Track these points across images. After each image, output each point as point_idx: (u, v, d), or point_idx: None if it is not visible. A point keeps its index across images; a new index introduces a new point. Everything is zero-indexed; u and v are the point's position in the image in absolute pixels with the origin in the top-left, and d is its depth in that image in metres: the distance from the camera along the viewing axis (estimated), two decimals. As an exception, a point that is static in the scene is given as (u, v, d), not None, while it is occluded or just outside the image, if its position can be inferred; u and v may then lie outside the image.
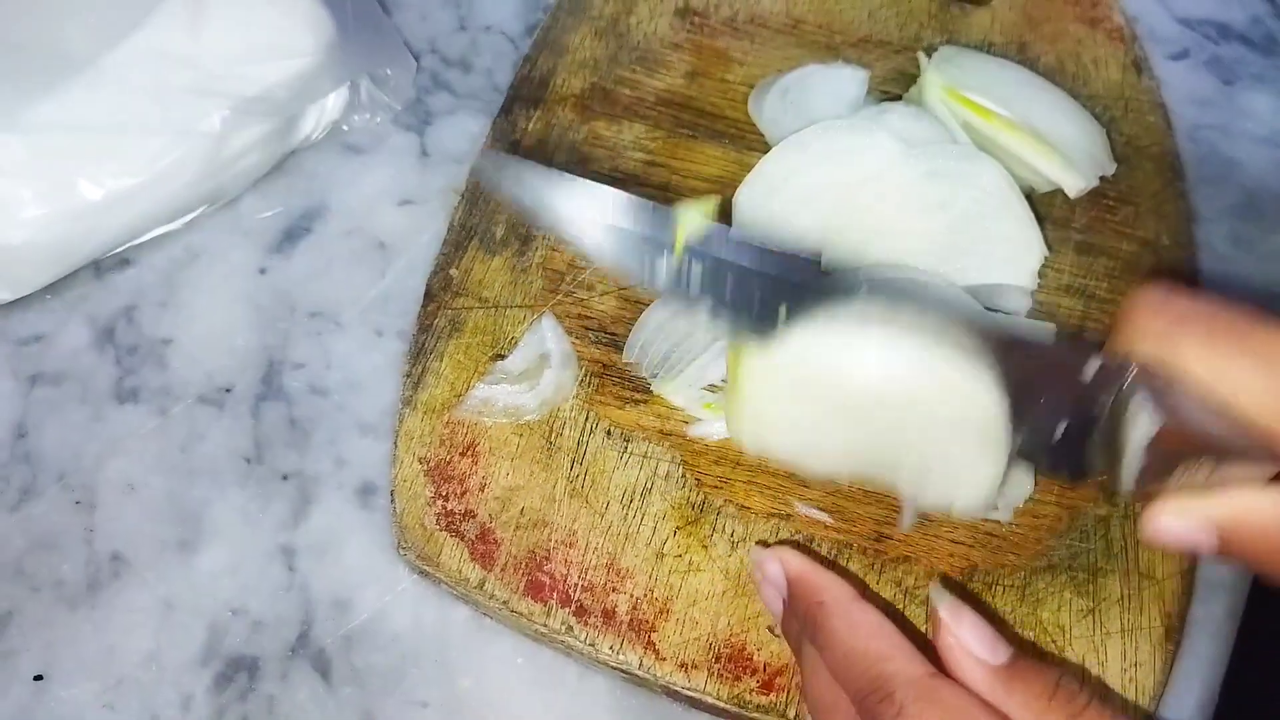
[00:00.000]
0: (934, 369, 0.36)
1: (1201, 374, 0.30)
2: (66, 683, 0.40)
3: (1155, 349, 0.31)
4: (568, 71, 0.56)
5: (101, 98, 0.45)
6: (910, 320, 0.35)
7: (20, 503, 0.43)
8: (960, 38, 0.59)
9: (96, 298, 0.48)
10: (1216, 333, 0.31)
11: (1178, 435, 0.31)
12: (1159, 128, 0.57)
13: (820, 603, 0.35)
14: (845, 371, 0.37)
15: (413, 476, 0.43)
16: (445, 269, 0.49)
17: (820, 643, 0.34)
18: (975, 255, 0.47)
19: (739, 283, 0.35)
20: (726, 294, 0.35)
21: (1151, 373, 0.32)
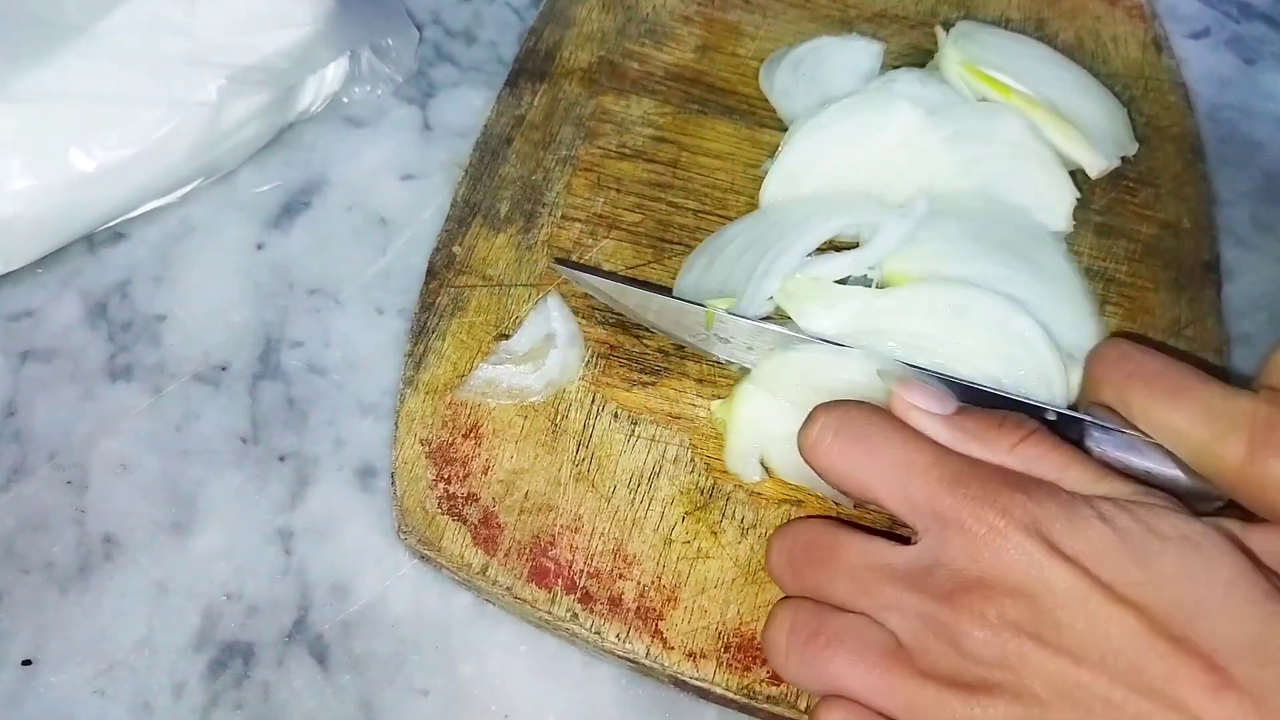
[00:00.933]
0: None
1: (1151, 430, 0.35)
2: (56, 668, 0.39)
3: (1110, 398, 0.36)
4: (575, 44, 0.55)
5: (94, 66, 0.43)
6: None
7: (10, 482, 0.42)
8: (977, 13, 0.58)
9: (89, 272, 0.47)
10: (1157, 390, 0.35)
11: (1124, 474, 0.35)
12: (1180, 108, 0.56)
13: None
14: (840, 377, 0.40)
15: (414, 459, 0.42)
16: (448, 246, 0.47)
17: None
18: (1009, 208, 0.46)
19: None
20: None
21: (1100, 420, 0.36)
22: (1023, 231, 0.45)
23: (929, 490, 0.33)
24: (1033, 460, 0.34)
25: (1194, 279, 0.49)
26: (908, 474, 0.34)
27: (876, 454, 0.35)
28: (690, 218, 0.49)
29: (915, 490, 0.33)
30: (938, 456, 0.34)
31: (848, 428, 0.35)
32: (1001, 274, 0.43)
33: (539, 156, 0.50)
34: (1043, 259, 0.45)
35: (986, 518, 0.32)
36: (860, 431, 0.35)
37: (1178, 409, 0.34)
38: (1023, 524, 0.31)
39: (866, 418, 0.36)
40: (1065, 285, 0.44)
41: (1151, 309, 0.48)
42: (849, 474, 0.35)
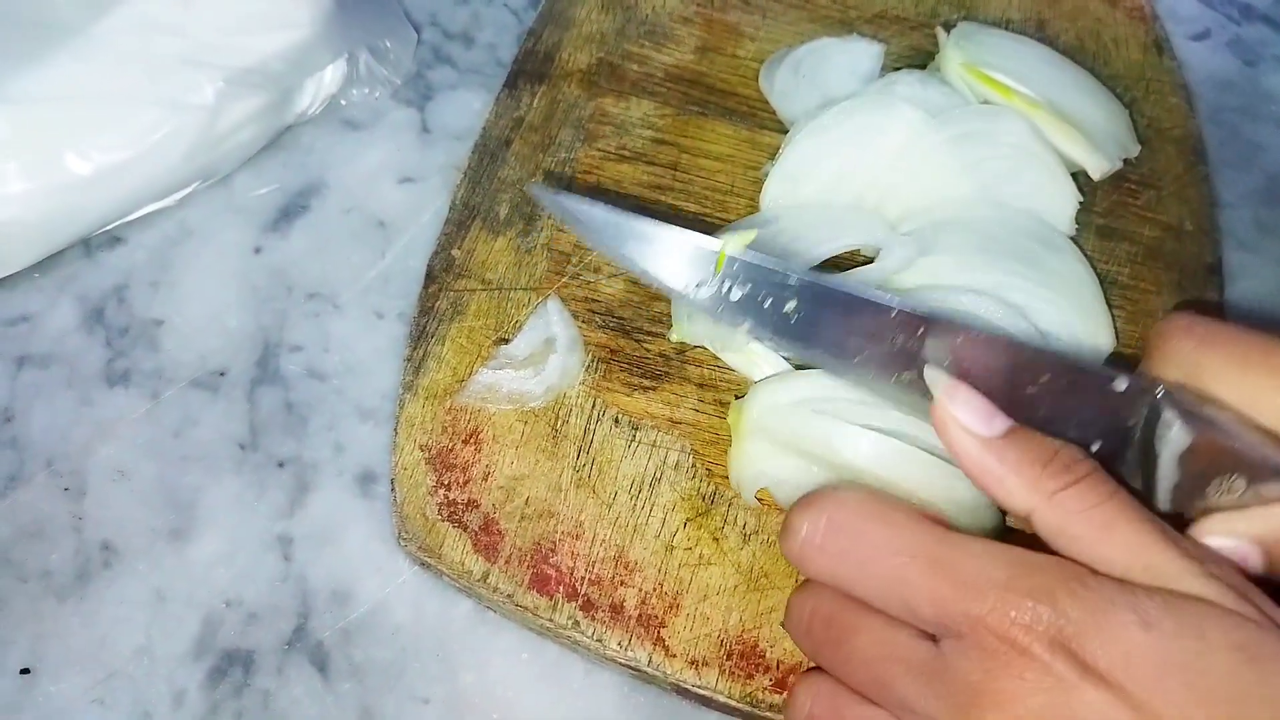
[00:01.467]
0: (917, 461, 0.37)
1: (1228, 395, 0.32)
2: (55, 676, 0.38)
3: (1184, 372, 0.33)
4: (574, 46, 0.54)
5: (90, 68, 0.43)
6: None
7: (6, 489, 0.42)
8: (978, 14, 0.58)
9: (86, 277, 0.47)
10: (1241, 355, 0.32)
11: (1209, 451, 0.31)
12: (1181, 109, 0.56)
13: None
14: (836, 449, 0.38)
15: (414, 465, 0.42)
16: (447, 249, 0.47)
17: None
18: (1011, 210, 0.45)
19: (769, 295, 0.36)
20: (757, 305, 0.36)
21: (1180, 391, 0.32)
22: (1033, 236, 0.45)
23: (933, 606, 0.29)
24: (1072, 515, 0.30)
25: (1196, 282, 0.49)
26: (906, 585, 0.30)
27: (870, 562, 0.31)
28: (691, 221, 0.48)
29: (918, 604, 0.30)
30: (940, 557, 0.30)
31: (835, 531, 0.32)
32: (1011, 283, 0.43)
33: (538, 159, 0.50)
34: (1054, 264, 0.44)
35: (1004, 634, 0.28)
36: (850, 532, 0.31)
37: (1253, 369, 0.31)
38: (1047, 639, 0.28)
39: (856, 512, 0.32)
40: (1078, 291, 0.44)
41: (1154, 312, 0.48)
42: (843, 585, 0.32)
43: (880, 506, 0.32)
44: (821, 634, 0.33)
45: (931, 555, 0.30)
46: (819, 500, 0.32)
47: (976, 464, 0.32)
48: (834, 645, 0.32)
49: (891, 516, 0.31)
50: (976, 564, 0.29)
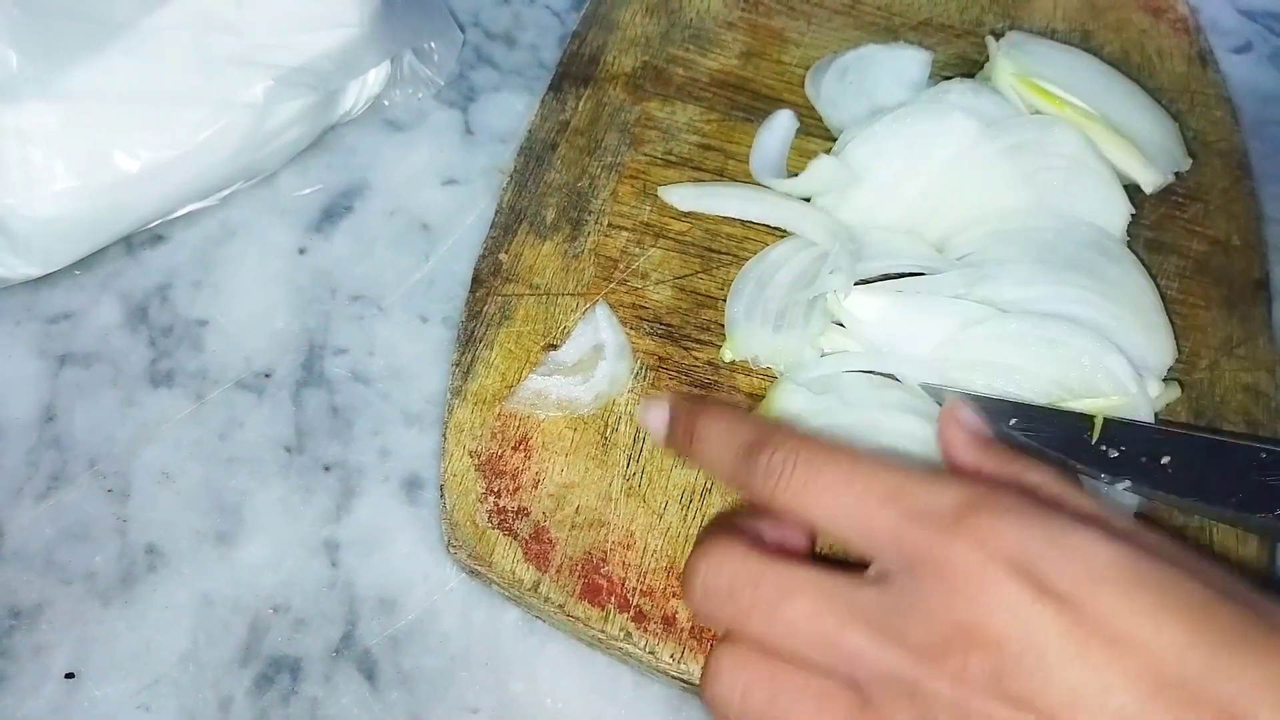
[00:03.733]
0: None
1: None
2: (100, 681, 0.38)
3: None
4: (618, 49, 0.54)
5: (140, 65, 0.42)
6: None
7: (50, 490, 0.41)
8: (1022, 23, 0.57)
9: (129, 275, 0.46)
10: None
11: None
12: (1226, 123, 0.55)
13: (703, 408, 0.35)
14: None
15: (463, 471, 0.41)
16: (494, 253, 0.46)
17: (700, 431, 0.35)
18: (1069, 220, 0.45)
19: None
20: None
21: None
22: (1092, 246, 0.45)
23: (892, 521, 0.29)
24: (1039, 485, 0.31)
25: (1245, 297, 0.49)
26: (870, 503, 0.29)
27: (829, 490, 0.30)
28: (738, 227, 0.48)
29: (878, 521, 0.29)
30: (908, 480, 0.29)
31: (808, 457, 0.31)
32: (1069, 294, 0.42)
33: (584, 163, 0.50)
34: (1114, 274, 0.44)
35: (959, 553, 0.27)
36: (820, 460, 0.31)
37: None
38: (1004, 558, 0.27)
39: (826, 445, 0.32)
40: (1138, 301, 0.44)
41: (1203, 327, 0.47)
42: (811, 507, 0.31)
43: (840, 447, 0.32)
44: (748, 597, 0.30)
45: (892, 482, 0.30)
46: (787, 436, 0.32)
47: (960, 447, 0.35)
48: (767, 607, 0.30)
49: (854, 451, 0.31)
50: (931, 493, 0.29)
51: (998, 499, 0.28)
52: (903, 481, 0.29)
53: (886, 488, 0.29)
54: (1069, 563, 0.27)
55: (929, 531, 0.28)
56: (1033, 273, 0.43)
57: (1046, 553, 0.27)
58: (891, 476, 0.30)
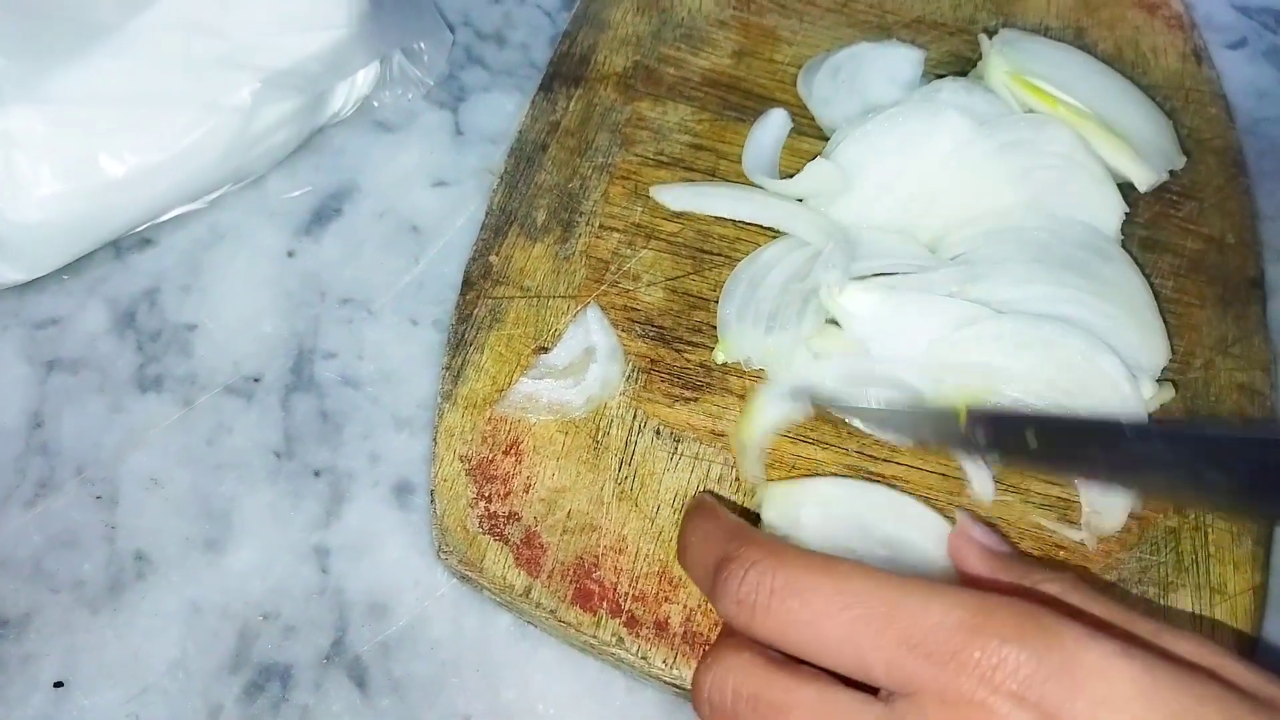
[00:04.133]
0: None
1: None
2: (88, 690, 0.38)
3: None
4: (609, 49, 0.53)
5: (126, 68, 0.42)
6: None
7: (37, 497, 0.41)
8: (1016, 21, 0.57)
9: (116, 279, 0.46)
10: None
11: None
12: (1221, 120, 0.55)
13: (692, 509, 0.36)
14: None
15: (454, 476, 0.41)
16: (485, 255, 0.46)
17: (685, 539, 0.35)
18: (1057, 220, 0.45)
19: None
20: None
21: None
22: (1086, 246, 0.44)
23: (887, 661, 0.27)
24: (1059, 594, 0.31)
25: (1239, 295, 0.49)
26: (858, 642, 0.28)
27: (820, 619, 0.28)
28: (730, 228, 0.48)
29: (872, 661, 0.28)
30: (893, 607, 0.28)
31: (786, 579, 0.29)
32: (1063, 294, 0.42)
33: (575, 164, 0.49)
34: (1108, 274, 0.44)
35: (964, 686, 0.26)
36: (797, 589, 0.29)
37: None
38: (1010, 690, 0.26)
39: (802, 567, 0.29)
40: (1132, 302, 0.44)
41: (1198, 326, 0.47)
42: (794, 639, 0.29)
43: (826, 560, 0.30)
44: (750, 716, 0.30)
45: (884, 606, 0.28)
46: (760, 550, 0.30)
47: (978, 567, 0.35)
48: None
49: (838, 568, 0.29)
50: (931, 611, 0.27)
51: (1001, 620, 0.27)
52: (897, 601, 0.28)
53: (879, 612, 0.28)
54: (1080, 689, 0.25)
55: (929, 662, 0.26)
56: (1027, 272, 0.43)
57: (1056, 680, 0.25)
58: (884, 596, 0.28)
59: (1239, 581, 0.41)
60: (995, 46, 0.50)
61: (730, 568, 0.30)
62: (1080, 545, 0.41)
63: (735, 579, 0.30)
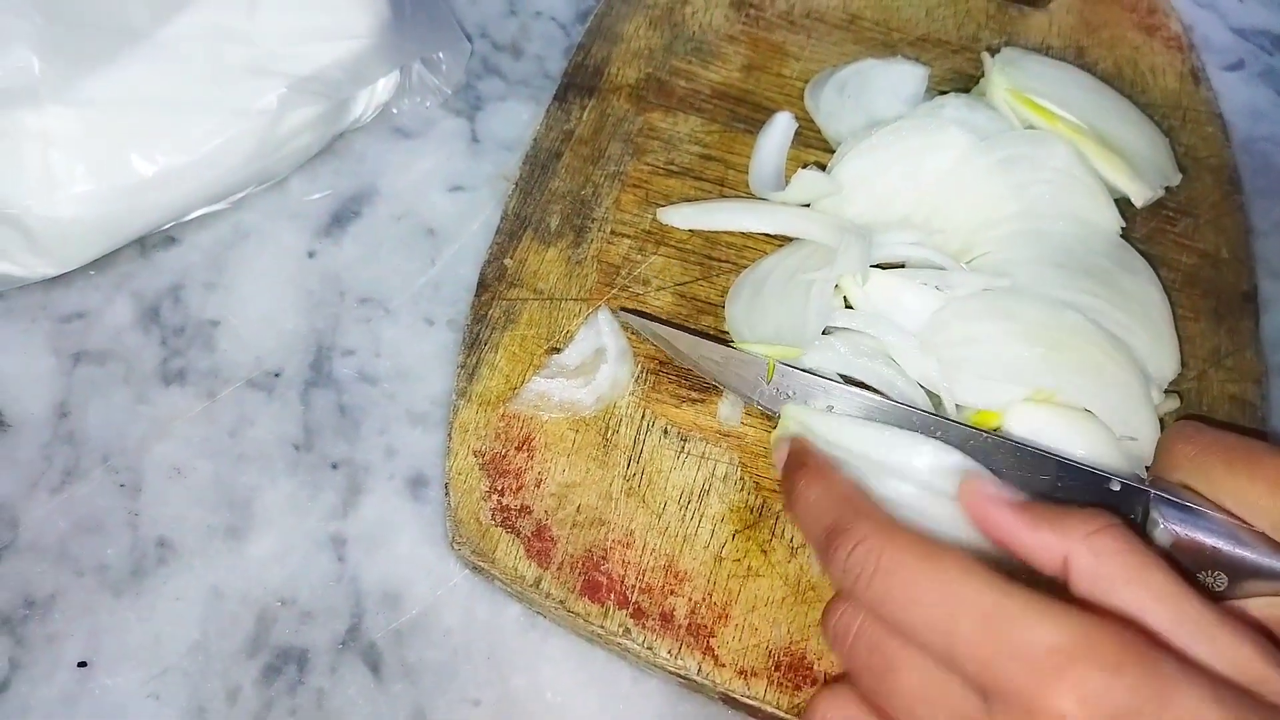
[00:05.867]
0: None
1: (1223, 498, 0.34)
2: (111, 670, 0.39)
3: (1186, 475, 0.36)
4: (622, 61, 0.55)
5: (158, 73, 0.43)
6: None
7: (63, 484, 0.42)
8: (1018, 39, 0.59)
9: (142, 276, 0.47)
10: (1231, 462, 0.35)
11: (1193, 548, 0.35)
12: (1217, 139, 0.57)
13: (803, 464, 0.37)
14: None
15: (468, 470, 0.42)
16: (499, 258, 0.48)
17: (796, 493, 0.36)
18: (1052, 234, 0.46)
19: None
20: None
21: (1171, 492, 0.36)
22: (1109, 256, 0.46)
23: (980, 667, 0.28)
24: (1107, 555, 0.30)
25: (1233, 309, 0.50)
26: (952, 638, 0.29)
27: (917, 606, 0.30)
28: (738, 236, 0.49)
29: (964, 661, 0.28)
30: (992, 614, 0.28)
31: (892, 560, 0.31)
32: (1082, 300, 0.43)
33: (588, 171, 0.51)
34: (1128, 285, 0.45)
35: (1061, 705, 0.26)
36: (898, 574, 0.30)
37: (1258, 478, 0.34)
38: (1104, 715, 0.26)
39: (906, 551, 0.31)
40: (1149, 313, 0.45)
41: (1192, 338, 0.48)
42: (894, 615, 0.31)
43: (930, 548, 0.31)
44: (865, 658, 0.32)
45: (982, 611, 0.28)
46: (870, 527, 0.32)
47: (1010, 525, 0.32)
48: (877, 674, 0.31)
49: (943, 560, 0.30)
50: (1030, 626, 0.28)
51: (1103, 648, 0.27)
52: (999, 604, 0.28)
53: (981, 613, 0.28)
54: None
55: (1028, 674, 0.27)
56: (1046, 274, 0.44)
57: (1152, 713, 0.26)
58: (986, 598, 0.28)
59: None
60: (997, 64, 0.51)
61: (840, 539, 0.32)
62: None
63: (844, 550, 0.32)
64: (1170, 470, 0.37)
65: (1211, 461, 0.35)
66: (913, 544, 0.31)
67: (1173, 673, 0.27)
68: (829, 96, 0.53)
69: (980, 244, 0.47)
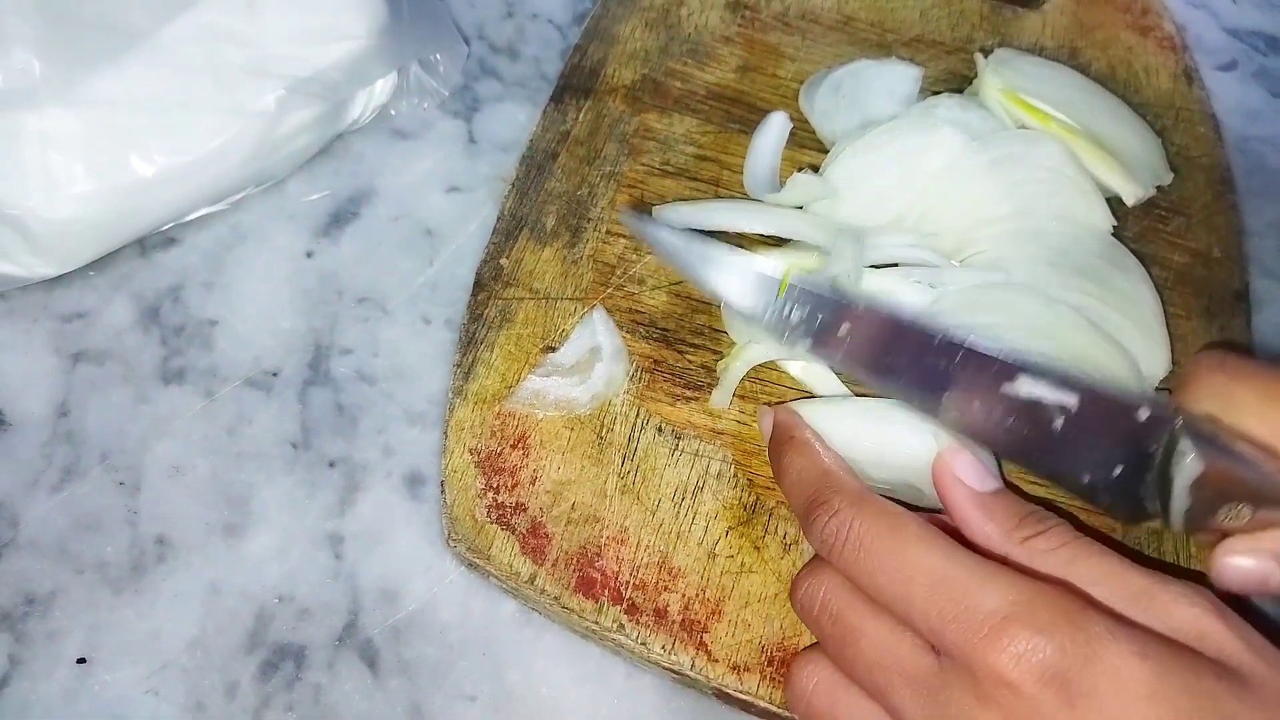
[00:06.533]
0: None
1: (1254, 427, 0.34)
2: (110, 666, 0.39)
3: (1214, 405, 0.35)
4: (618, 62, 0.55)
5: (157, 73, 0.44)
6: None
7: (63, 482, 0.43)
8: (1012, 40, 0.59)
9: (141, 276, 0.48)
10: (1265, 389, 0.34)
11: (1220, 479, 0.34)
12: (1209, 139, 0.57)
13: (790, 438, 0.40)
14: None
15: (463, 467, 0.43)
16: (496, 258, 0.48)
17: (783, 466, 0.39)
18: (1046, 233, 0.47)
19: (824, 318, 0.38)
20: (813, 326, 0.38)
21: (1197, 422, 0.35)
22: (1103, 256, 0.46)
23: (931, 627, 0.31)
24: (1039, 555, 0.33)
25: (1225, 308, 0.50)
26: (908, 601, 0.32)
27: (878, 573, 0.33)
28: (732, 236, 0.50)
29: (917, 621, 0.32)
30: (943, 579, 0.31)
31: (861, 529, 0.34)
32: (1075, 299, 0.44)
33: (584, 172, 0.51)
34: (1121, 284, 0.46)
35: (995, 661, 0.29)
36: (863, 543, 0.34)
37: (1276, 403, 0.34)
38: (1037, 673, 0.29)
39: (872, 523, 0.34)
40: (1141, 312, 0.46)
41: (1184, 336, 0.49)
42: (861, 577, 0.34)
43: (894, 519, 0.34)
44: (829, 628, 0.35)
45: (933, 577, 0.31)
46: (846, 499, 0.35)
47: (964, 511, 0.35)
48: (839, 642, 0.34)
49: (904, 531, 0.33)
50: (974, 591, 0.31)
51: (1037, 611, 0.30)
52: (948, 575, 0.31)
53: (932, 579, 0.31)
54: (1100, 678, 0.28)
55: (968, 634, 0.30)
56: (1040, 274, 0.45)
57: (1078, 670, 0.29)
58: (938, 565, 0.32)
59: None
60: (990, 65, 0.52)
61: (818, 511, 0.35)
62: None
63: (821, 521, 0.35)
64: (1197, 400, 0.36)
65: (1243, 390, 0.35)
66: (879, 515, 0.34)
67: (1101, 632, 0.29)
68: (824, 97, 0.54)
69: (973, 243, 0.47)
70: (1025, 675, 0.29)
